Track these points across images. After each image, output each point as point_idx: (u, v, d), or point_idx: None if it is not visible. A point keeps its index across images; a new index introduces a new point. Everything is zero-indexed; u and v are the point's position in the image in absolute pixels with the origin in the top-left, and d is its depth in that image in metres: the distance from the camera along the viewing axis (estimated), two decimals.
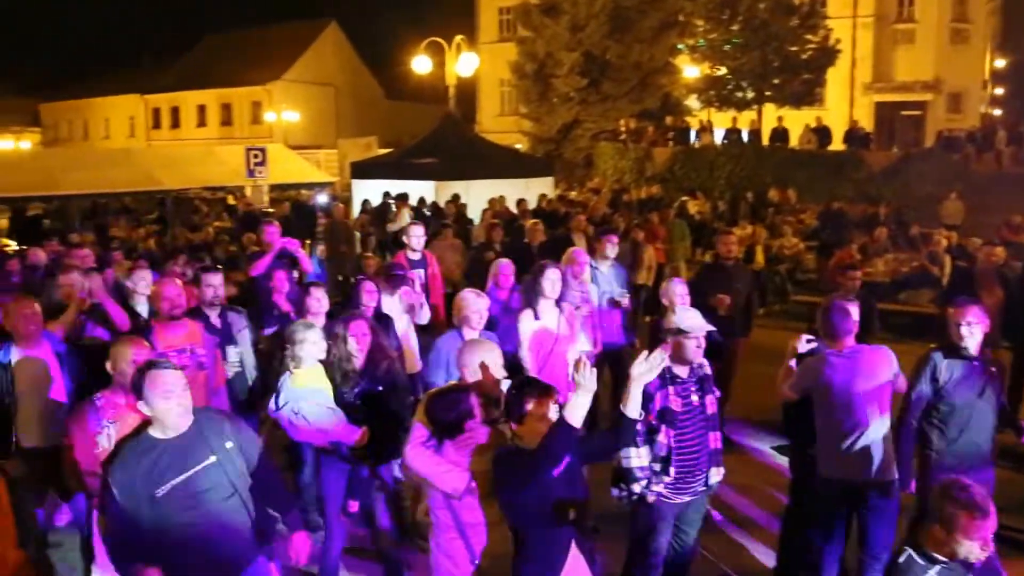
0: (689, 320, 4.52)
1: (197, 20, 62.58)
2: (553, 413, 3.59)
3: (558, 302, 6.16)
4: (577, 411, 3.38)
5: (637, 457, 4.42)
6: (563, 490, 3.56)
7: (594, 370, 3.39)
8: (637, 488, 4.47)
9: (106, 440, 4.26)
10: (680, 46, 29.17)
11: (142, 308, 6.57)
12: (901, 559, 3.25)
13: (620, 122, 28.89)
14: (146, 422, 3.63)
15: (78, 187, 18.12)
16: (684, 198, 20.10)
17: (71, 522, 5.39)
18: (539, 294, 6.08)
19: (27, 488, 4.92)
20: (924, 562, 3.21)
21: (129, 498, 3.50)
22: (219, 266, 7.33)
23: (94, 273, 6.80)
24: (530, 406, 3.59)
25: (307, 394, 4.92)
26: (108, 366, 4.47)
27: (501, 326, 6.16)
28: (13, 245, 15.25)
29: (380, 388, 5.07)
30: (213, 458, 3.59)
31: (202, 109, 50.85)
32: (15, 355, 5.18)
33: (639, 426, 4.23)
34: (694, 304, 5.41)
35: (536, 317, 6.06)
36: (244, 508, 3.70)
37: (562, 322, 6.14)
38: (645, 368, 3.54)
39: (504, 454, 3.64)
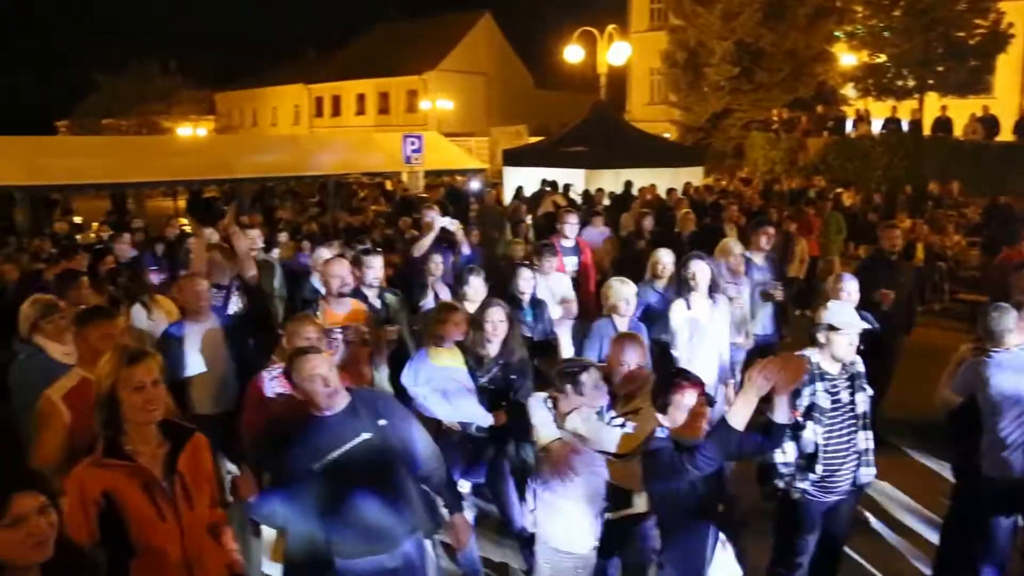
0: (842, 316, 4.42)
1: (359, 13, 64.87)
2: (700, 406, 3.60)
3: (711, 293, 6.17)
4: (741, 413, 3.37)
5: (781, 453, 4.35)
6: (710, 486, 3.56)
7: (777, 374, 3.32)
8: (781, 484, 4.43)
9: None
10: (837, 33, 27.94)
11: (320, 285, 6.70)
12: None
13: (772, 111, 28.09)
14: None
15: (248, 171, 19.22)
16: (839, 190, 19.45)
17: None
18: (691, 285, 6.11)
19: None
20: None
21: (287, 471, 3.66)
22: (378, 249, 7.65)
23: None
24: (676, 396, 3.60)
25: (446, 372, 5.07)
26: (284, 342, 4.74)
27: (657, 316, 6.23)
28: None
29: (513, 377, 5.16)
30: (366, 435, 3.65)
31: (361, 98, 52.35)
32: (188, 328, 5.51)
33: None
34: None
35: (688, 307, 6.09)
36: (398, 486, 3.75)
37: (714, 313, 6.15)
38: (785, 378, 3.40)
39: (658, 446, 3.61)
